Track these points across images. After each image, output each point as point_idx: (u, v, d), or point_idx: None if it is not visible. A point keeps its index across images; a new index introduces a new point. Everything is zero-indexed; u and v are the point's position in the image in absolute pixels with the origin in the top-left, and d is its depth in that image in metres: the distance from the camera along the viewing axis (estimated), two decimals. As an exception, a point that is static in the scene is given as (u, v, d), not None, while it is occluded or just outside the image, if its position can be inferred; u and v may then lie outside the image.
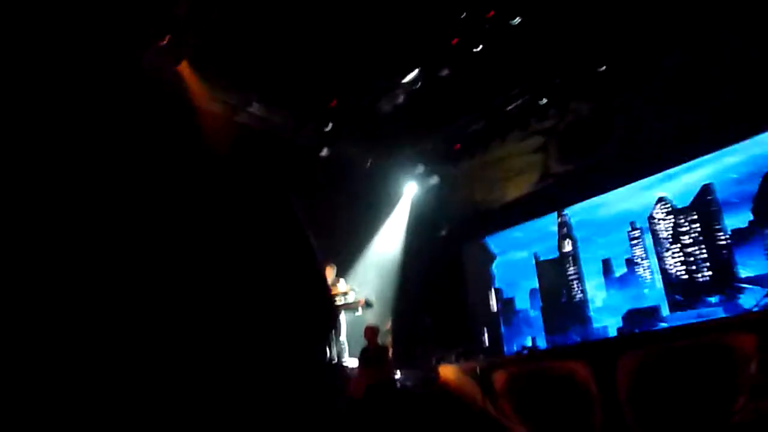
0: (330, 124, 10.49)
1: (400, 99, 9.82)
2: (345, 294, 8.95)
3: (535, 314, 11.64)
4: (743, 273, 8.76)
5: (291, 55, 8.56)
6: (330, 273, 9.22)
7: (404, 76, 9.52)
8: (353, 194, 11.62)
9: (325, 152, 10.77)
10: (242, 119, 9.83)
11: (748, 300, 8.36)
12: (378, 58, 9.12)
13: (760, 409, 5.81)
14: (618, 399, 7.18)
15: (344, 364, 8.70)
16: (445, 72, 9.30)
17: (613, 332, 10.11)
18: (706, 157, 9.37)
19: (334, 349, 8.71)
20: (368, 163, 11.95)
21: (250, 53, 8.49)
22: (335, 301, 8.63)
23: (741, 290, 8.66)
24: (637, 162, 9.98)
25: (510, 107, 10.64)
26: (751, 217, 8.81)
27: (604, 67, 9.49)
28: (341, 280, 9.30)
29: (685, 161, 9.61)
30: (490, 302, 12.26)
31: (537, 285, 11.74)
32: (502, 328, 12.00)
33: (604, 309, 10.52)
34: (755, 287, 8.43)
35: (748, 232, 8.85)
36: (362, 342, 8.65)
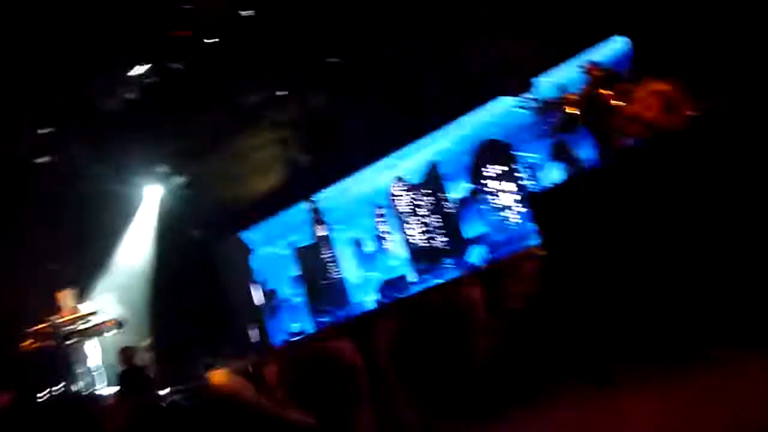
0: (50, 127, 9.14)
1: (132, 95, 9.03)
2: (89, 316, 7.99)
3: (299, 301, 11.91)
4: (468, 235, 10.21)
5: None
6: (65, 299, 8.14)
7: (133, 71, 8.76)
8: (87, 204, 10.36)
9: (45, 159, 9.37)
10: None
11: (474, 257, 9.77)
12: (104, 51, 8.21)
13: (491, 346, 6.82)
14: (379, 367, 7.75)
15: (97, 394, 7.81)
16: (177, 66, 8.81)
17: (370, 306, 10.88)
18: (429, 136, 10.54)
19: (81, 381, 7.73)
20: (100, 169, 10.75)
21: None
22: None
23: (467, 250, 10.09)
24: (372, 146, 10.78)
25: (250, 100, 10.55)
26: (468, 187, 10.28)
27: (335, 60, 9.97)
28: (83, 302, 8.28)
29: (410, 142, 10.66)
30: (253, 297, 12.15)
31: (297, 272, 12.00)
32: (268, 321, 12.01)
33: (360, 286, 11.26)
34: (479, 246, 9.89)
35: (467, 200, 10.32)
36: (117, 367, 7.86)
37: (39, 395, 7.56)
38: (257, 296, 12.14)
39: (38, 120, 9.11)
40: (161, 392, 8.27)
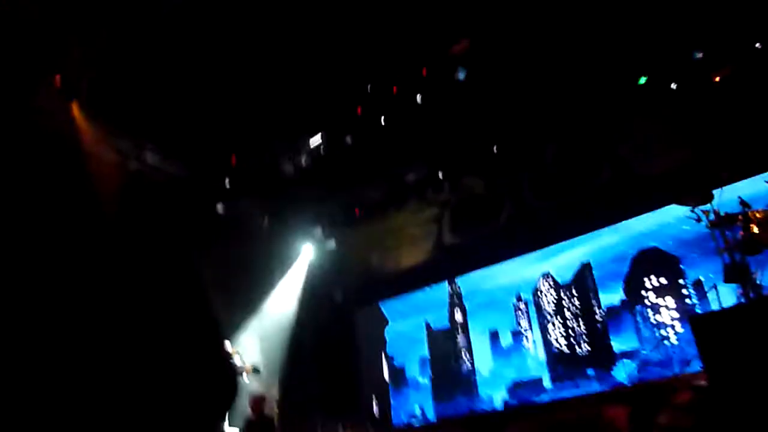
0: (228, 180, 10.24)
1: (303, 161, 9.84)
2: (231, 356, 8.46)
3: (425, 383, 11.65)
4: (616, 347, 9.37)
5: (194, 106, 8.37)
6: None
7: (309, 139, 9.59)
8: (247, 253, 11.26)
9: (221, 208, 10.44)
10: (136, 167, 9.34)
11: (620, 373, 8.91)
12: (283, 119, 9.14)
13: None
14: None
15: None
16: (348, 139, 9.49)
17: (498, 402, 10.31)
18: (586, 235, 10.09)
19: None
20: (265, 222, 11.71)
21: (148, 101, 8.20)
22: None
23: (614, 363, 9.24)
24: (523, 237, 10.55)
25: (408, 178, 10.96)
26: (623, 296, 9.54)
27: (495, 148, 10.09)
28: (226, 342, 8.81)
29: (564, 239, 10.28)
30: (382, 369, 12.13)
31: (427, 353, 11.82)
32: (392, 397, 11.85)
33: (491, 379, 10.76)
34: (627, 361, 9.02)
35: (620, 309, 9.55)
36: (246, 411, 8.15)
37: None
38: (385, 369, 12.11)
39: (219, 173, 10.24)
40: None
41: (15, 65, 6.91)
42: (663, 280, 9.23)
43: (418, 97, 8.97)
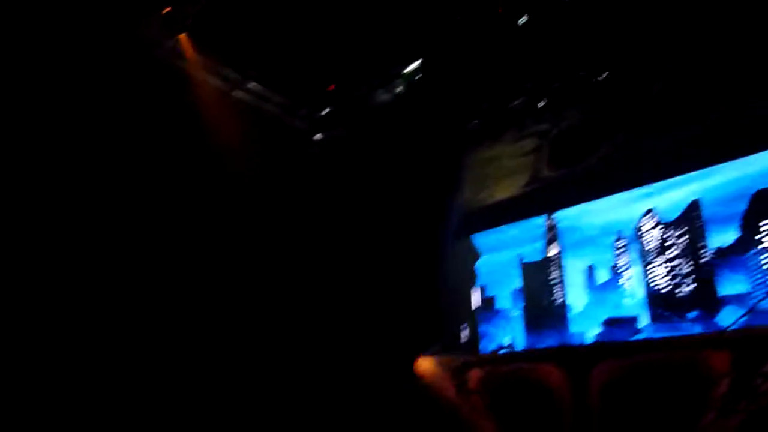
0: (326, 109, 10.41)
1: (398, 89, 9.75)
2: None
3: (516, 314, 11.72)
4: (723, 291, 8.87)
5: (293, 38, 8.47)
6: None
7: (405, 67, 9.45)
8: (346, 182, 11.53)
9: (318, 136, 10.68)
10: (239, 96, 9.71)
11: (726, 318, 8.47)
12: (380, 46, 9.03)
13: (727, 427, 5.90)
14: (589, 407, 7.26)
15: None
16: (446, 66, 9.25)
17: (590, 339, 10.20)
18: (695, 173, 9.41)
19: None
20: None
21: (252, 33, 8.39)
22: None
23: (719, 308, 8.78)
24: (627, 173, 10.00)
25: (507, 107, 10.59)
26: (737, 236, 8.90)
27: (603, 76, 9.47)
28: None
29: (674, 175, 9.64)
30: (472, 299, 12.30)
31: (520, 286, 11.80)
32: (481, 326, 12.06)
33: (584, 315, 10.62)
34: (734, 306, 8.53)
35: (732, 251, 8.94)
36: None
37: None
38: (476, 300, 12.27)
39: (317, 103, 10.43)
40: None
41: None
42: (783, 223, 8.49)
43: (521, 20, 8.50)
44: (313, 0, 7.99)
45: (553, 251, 11.39)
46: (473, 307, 12.25)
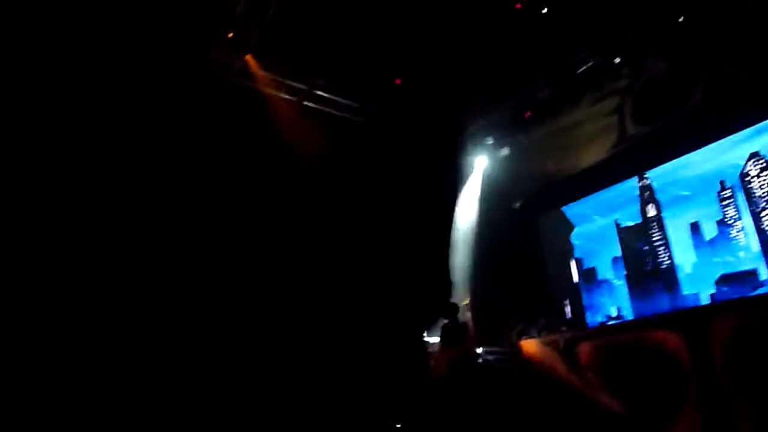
0: (395, 103, 10.46)
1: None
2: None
3: (619, 283, 11.20)
4: None
5: (349, 35, 8.59)
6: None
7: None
8: (425, 170, 11.53)
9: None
10: (310, 103, 9.99)
11: None
12: (441, 27, 8.94)
13: None
14: (714, 368, 6.81)
15: (425, 341, 8.76)
16: (511, 37, 9.01)
17: (705, 300, 9.57)
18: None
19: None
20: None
21: (310, 40, 8.61)
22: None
23: None
24: (723, 117, 9.26)
25: (580, 69, 10.17)
26: None
27: (681, 18, 8.85)
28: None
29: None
30: (571, 273, 11.91)
31: (620, 253, 11.26)
32: (585, 299, 11.64)
33: (695, 275, 9.96)
34: None
35: None
36: (442, 319, 8.66)
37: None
38: (575, 273, 11.87)
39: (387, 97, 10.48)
40: (477, 350, 8.87)
41: (191, 24, 7.66)
42: None
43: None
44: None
45: (651, 212, 10.78)
46: (575, 280, 11.86)
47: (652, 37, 9.37)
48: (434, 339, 8.85)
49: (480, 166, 12.55)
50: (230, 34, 8.32)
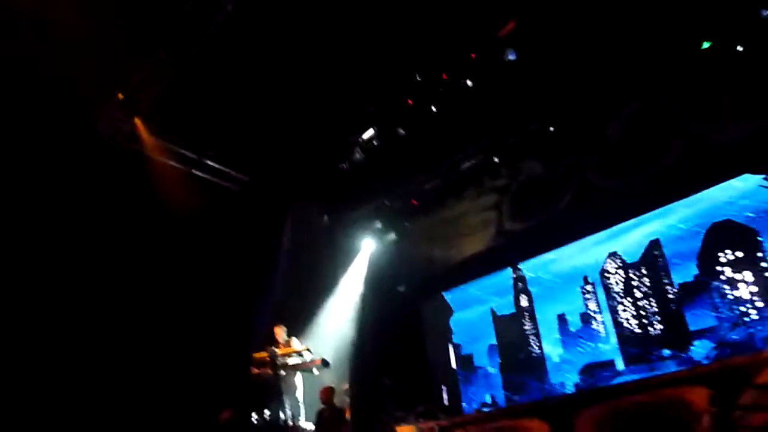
0: (286, 182, 10.52)
1: (357, 156, 9.94)
2: (299, 353, 8.70)
3: (494, 370, 11.57)
4: (692, 326, 8.99)
5: (246, 111, 8.66)
6: (280, 333, 9.00)
7: (360, 134, 9.68)
8: (310, 250, 11.54)
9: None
10: (200, 173, 9.78)
11: (698, 352, 8.55)
12: (334, 116, 9.29)
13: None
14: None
15: (299, 426, 8.38)
16: (401, 132, 9.52)
17: (570, 387, 10.11)
18: (651, 213, 9.70)
19: (287, 411, 8.38)
20: (324, 220, 11.92)
21: (204, 111, 8.56)
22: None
23: (691, 343, 8.86)
24: (588, 218, 10.24)
25: (464, 166, 10.87)
26: (696, 272, 9.11)
27: (553, 128, 9.83)
28: (294, 339, 9.07)
29: (632, 217, 9.92)
30: (450, 359, 12.14)
31: (495, 341, 11.72)
32: (461, 386, 11.84)
33: (562, 364, 10.56)
34: (704, 340, 8.64)
35: (694, 286, 9.14)
36: (318, 404, 8.39)
37: (253, 416, 8.39)
38: (453, 358, 12.11)
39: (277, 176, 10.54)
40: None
41: (80, 85, 7.37)
42: (739, 254, 8.73)
43: (469, 82, 8.87)
44: (261, 77, 8.22)
45: (524, 302, 11.43)
46: (452, 366, 12.08)
47: (529, 142, 10.28)
48: (310, 426, 8.50)
49: (367, 248, 12.74)
50: (120, 96, 8.09)
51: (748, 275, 8.56)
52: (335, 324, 11.67)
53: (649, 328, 9.62)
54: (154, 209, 8.57)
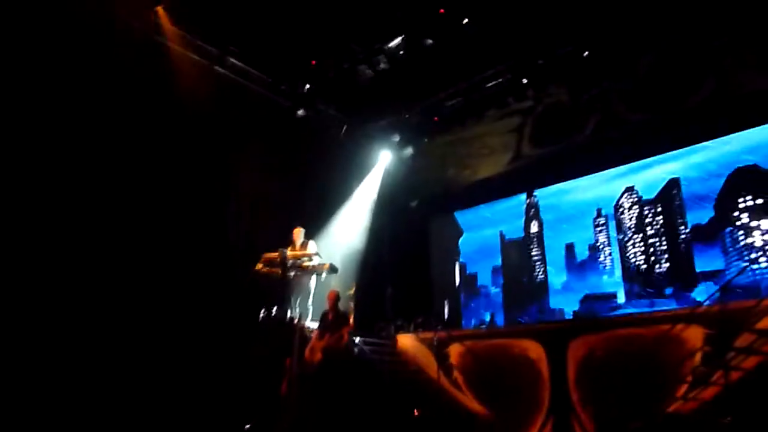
0: (307, 85, 10.28)
1: (382, 65, 9.65)
2: (310, 257, 8.91)
3: (496, 291, 11.85)
4: (699, 268, 9.04)
5: (272, 11, 8.35)
6: (298, 235, 9.17)
7: (388, 42, 9.35)
8: (327, 158, 11.49)
9: (301, 112, 10.56)
10: (221, 70, 9.55)
11: (701, 294, 8.64)
12: (362, 22, 8.94)
13: (699, 398, 6.07)
14: (566, 379, 7.41)
15: (307, 326, 8.71)
16: (429, 42, 9.16)
17: (569, 315, 10.36)
18: (675, 152, 9.51)
19: (296, 310, 8.71)
20: (344, 128, 11.79)
21: (231, 6, 8.25)
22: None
23: (695, 284, 8.95)
24: (609, 150, 10.09)
25: (490, 84, 10.56)
26: (713, 214, 9.04)
27: (586, 53, 9.45)
28: (310, 242, 9.24)
29: (654, 154, 9.74)
30: (454, 276, 12.41)
31: (500, 263, 11.91)
32: (463, 302, 12.19)
33: (563, 292, 10.77)
34: (709, 282, 8.71)
35: (707, 228, 9.09)
36: (325, 306, 8.68)
37: (261, 313, 8.72)
38: (458, 276, 12.38)
39: (299, 78, 10.29)
40: (355, 339, 8.97)
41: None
42: (759, 201, 8.61)
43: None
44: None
45: (534, 229, 11.49)
46: (455, 283, 12.37)
47: (558, 66, 9.93)
48: (314, 326, 8.83)
49: (383, 160, 12.69)
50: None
51: (764, 223, 8.47)
52: (346, 231, 11.84)
53: (656, 265, 9.69)
54: (171, 102, 8.42)
